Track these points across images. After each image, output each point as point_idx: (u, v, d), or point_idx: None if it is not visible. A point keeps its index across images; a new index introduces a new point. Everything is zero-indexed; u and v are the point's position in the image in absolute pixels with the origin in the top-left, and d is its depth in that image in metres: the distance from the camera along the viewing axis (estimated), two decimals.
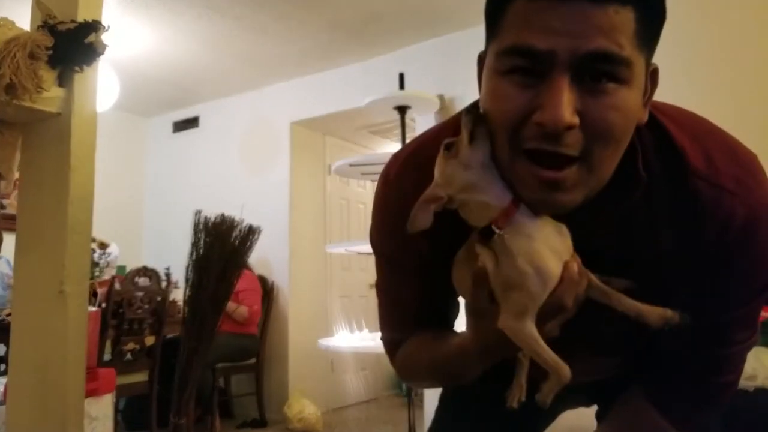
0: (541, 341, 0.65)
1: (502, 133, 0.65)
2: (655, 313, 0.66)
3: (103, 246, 3.58)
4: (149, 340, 3.27)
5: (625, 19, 0.60)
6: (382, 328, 0.93)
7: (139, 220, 5.07)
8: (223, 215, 2.10)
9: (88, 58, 1.00)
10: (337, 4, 3.26)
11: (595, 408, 1.05)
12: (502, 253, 0.66)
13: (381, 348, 0.95)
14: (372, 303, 1.00)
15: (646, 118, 0.69)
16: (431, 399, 3.04)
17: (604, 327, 0.82)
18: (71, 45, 0.97)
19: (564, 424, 1.16)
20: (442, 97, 3.53)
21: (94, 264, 3.49)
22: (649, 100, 0.69)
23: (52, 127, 1.02)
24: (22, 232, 1.06)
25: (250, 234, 2.14)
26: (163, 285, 3.35)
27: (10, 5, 1.89)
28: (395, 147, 4.36)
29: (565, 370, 0.65)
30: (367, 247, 0.90)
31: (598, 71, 0.61)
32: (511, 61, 0.63)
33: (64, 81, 1.00)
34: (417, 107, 3.36)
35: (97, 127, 1.05)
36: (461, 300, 0.86)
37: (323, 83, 4.20)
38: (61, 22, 0.98)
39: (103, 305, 3.05)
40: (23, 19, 1.02)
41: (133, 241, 4.81)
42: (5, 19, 0.95)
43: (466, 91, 3.35)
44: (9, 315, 2.60)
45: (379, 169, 0.89)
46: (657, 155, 0.71)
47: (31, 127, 1.04)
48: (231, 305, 3.47)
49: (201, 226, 2.07)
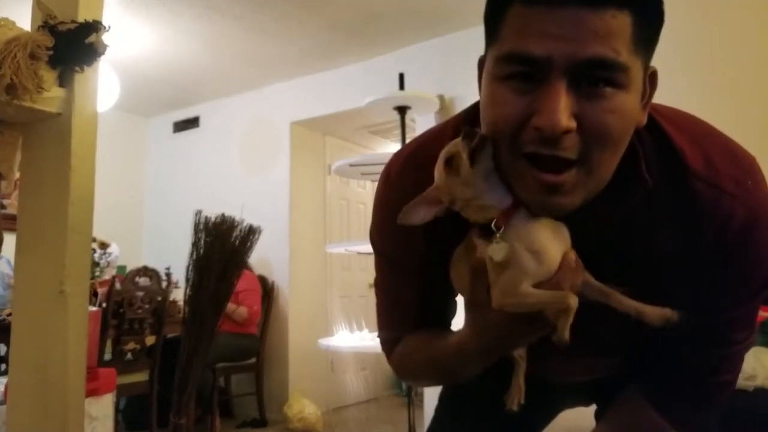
0: (537, 291, 0.65)
1: (501, 137, 0.65)
2: (655, 312, 0.66)
3: (103, 246, 3.59)
4: (149, 340, 3.28)
5: (622, 23, 0.60)
6: (380, 327, 0.94)
7: (140, 220, 5.07)
8: (223, 215, 2.10)
9: (88, 58, 1.00)
10: (337, 4, 3.26)
11: (594, 407, 1.05)
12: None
13: (380, 348, 0.95)
14: (372, 303, 1.00)
15: (645, 120, 0.69)
16: (431, 399, 3.03)
17: (603, 328, 0.82)
18: (72, 45, 0.98)
19: (563, 424, 1.16)
20: (442, 97, 3.53)
21: (95, 264, 3.49)
22: (648, 103, 0.69)
23: (52, 127, 1.02)
24: (23, 232, 1.06)
25: (251, 234, 2.13)
26: (164, 285, 3.35)
27: (10, 5, 1.89)
28: (395, 147, 4.36)
29: (572, 298, 0.64)
30: (367, 247, 0.91)
31: (595, 76, 0.61)
32: (509, 67, 0.64)
33: (64, 81, 1.00)
34: (417, 107, 3.36)
35: (98, 127, 1.05)
36: (459, 300, 0.86)
37: (323, 83, 4.20)
38: (62, 23, 0.98)
39: (104, 305, 3.06)
40: (24, 19, 1.02)
41: (133, 241, 4.81)
42: (6, 19, 0.95)
43: (466, 91, 3.35)
44: (9, 315, 2.60)
45: (379, 169, 0.90)
46: (656, 157, 0.71)
47: (31, 127, 1.04)
48: (231, 306, 3.47)
49: (201, 226, 2.06)
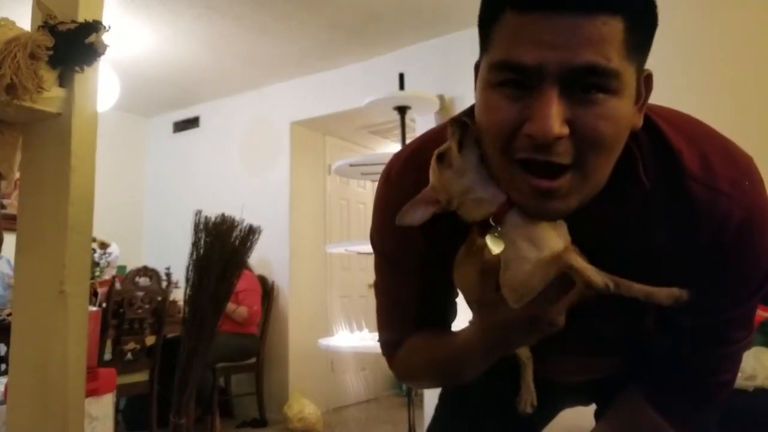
0: (537, 268, 0.66)
1: (495, 143, 0.66)
2: (663, 292, 0.67)
3: (103, 246, 3.59)
4: (149, 340, 3.28)
5: (614, 29, 0.60)
6: (381, 329, 0.93)
7: (139, 220, 5.07)
8: (223, 215, 2.10)
9: (88, 58, 1.00)
10: (337, 4, 3.26)
11: (594, 407, 1.05)
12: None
13: (380, 350, 0.95)
14: (372, 303, 1.00)
15: (640, 123, 0.69)
16: (431, 399, 3.03)
17: (603, 328, 0.82)
18: (72, 45, 0.98)
19: (563, 423, 1.16)
20: (442, 97, 3.52)
21: (95, 264, 3.49)
22: (643, 106, 0.69)
23: (52, 127, 1.02)
24: (23, 232, 1.06)
25: (251, 234, 2.13)
26: (164, 285, 3.35)
27: (10, 5, 1.89)
28: (395, 147, 4.37)
29: (569, 254, 0.65)
30: (367, 247, 0.90)
31: (587, 83, 0.61)
32: (502, 74, 0.64)
33: (64, 81, 1.00)
34: (417, 107, 3.35)
35: (98, 127, 1.06)
36: (459, 300, 0.86)
37: (323, 83, 4.20)
38: (62, 23, 0.98)
39: (104, 305, 3.06)
40: (24, 19, 1.02)
41: (133, 241, 4.81)
42: (6, 19, 0.95)
43: (466, 91, 3.35)
44: (9, 315, 2.60)
45: (379, 169, 0.90)
46: (653, 158, 0.71)
47: (31, 127, 1.04)
48: (231, 306, 3.47)
49: (201, 226, 2.06)
